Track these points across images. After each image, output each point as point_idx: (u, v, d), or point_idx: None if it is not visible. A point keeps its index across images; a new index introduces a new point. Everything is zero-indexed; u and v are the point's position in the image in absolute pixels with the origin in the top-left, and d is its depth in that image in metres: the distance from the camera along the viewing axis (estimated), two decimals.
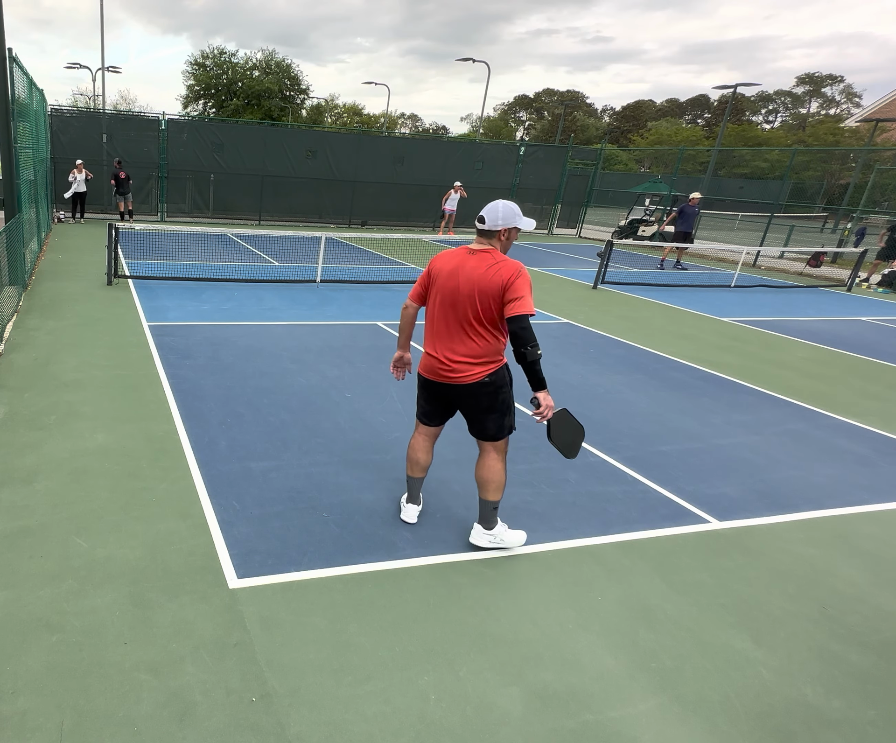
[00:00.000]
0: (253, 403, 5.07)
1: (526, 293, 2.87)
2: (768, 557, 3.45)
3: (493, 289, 2.91)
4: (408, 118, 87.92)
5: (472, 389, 3.09)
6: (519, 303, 2.85)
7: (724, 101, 59.36)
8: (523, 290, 2.87)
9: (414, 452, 3.49)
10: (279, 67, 47.06)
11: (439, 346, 3.14)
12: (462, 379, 3.08)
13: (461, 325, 3.04)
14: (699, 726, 2.35)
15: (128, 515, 3.43)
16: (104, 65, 30.52)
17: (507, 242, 3.07)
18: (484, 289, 2.94)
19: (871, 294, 14.01)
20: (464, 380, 3.08)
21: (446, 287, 3.08)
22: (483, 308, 2.96)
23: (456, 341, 3.08)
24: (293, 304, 8.75)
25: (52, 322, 7.05)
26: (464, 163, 20.37)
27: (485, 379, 3.06)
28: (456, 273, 3.05)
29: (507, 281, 2.88)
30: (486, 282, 2.93)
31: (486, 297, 2.94)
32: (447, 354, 3.10)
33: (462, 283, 3.01)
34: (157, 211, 18.21)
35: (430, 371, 3.23)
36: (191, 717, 2.23)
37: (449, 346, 3.10)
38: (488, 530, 3.30)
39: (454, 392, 3.15)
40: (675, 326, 9.07)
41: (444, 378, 3.15)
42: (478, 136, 47.34)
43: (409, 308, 3.38)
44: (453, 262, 3.10)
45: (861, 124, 40.91)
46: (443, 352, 3.12)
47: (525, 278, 2.89)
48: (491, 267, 2.94)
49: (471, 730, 2.27)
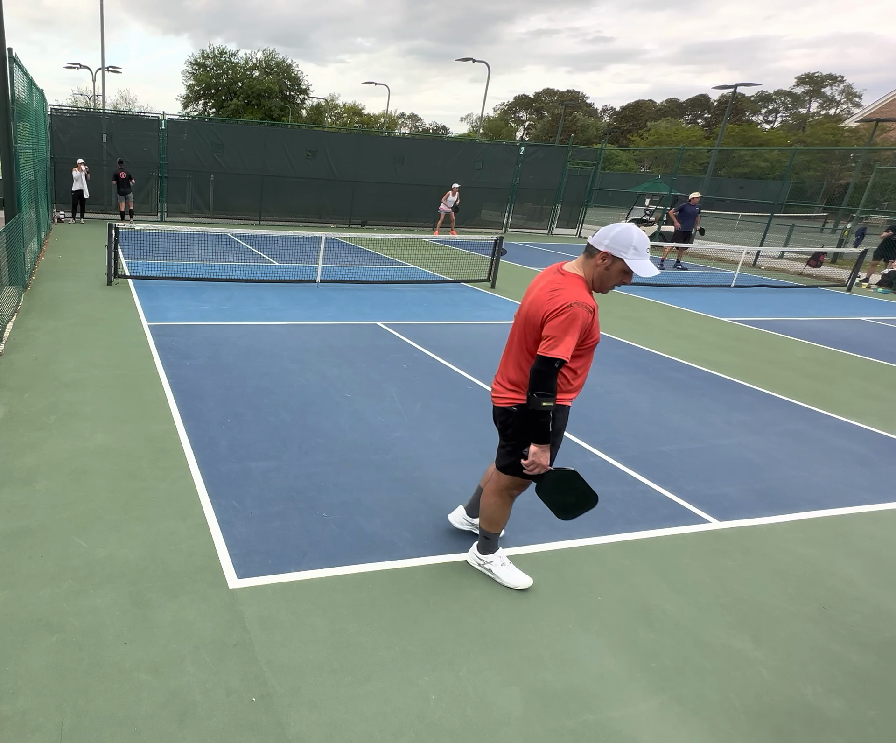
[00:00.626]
0: (253, 403, 5.07)
1: (558, 334, 2.52)
2: (768, 557, 3.45)
3: (536, 318, 2.66)
4: (408, 118, 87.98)
5: (497, 412, 2.95)
6: (546, 343, 2.56)
7: (724, 102, 59.39)
8: (557, 330, 2.53)
9: None
10: (279, 67, 47.06)
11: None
12: (495, 399, 2.96)
13: (513, 346, 2.88)
14: (699, 726, 2.35)
15: (128, 515, 3.43)
16: (104, 65, 30.53)
17: (603, 272, 2.60)
18: (531, 316, 2.69)
19: (870, 294, 14.00)
20: (496, 401, 2.95)
21: (521, 305, 2.89)
22: (528, 336, 2.74)
23: (506, 361, 2.93)
24: (293, 304, 8.75)
25: (52, 322, 7.05)
26: (464, 163, 20.38)
27: (511, 408, 2.85)
28: (530, 291, 2.82)
29: (546, 314, 2.58)
30: (535, 308, 2.67)
31: (531, 324, 2.71)
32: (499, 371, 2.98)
33: (525, 304, 2.80)
34: (157, 211, 18.21)
35: None
36: (191, 717, 2.23)
37: (501, 364, 2.97)
38: (481, 555, 3.15)
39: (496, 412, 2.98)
40: (675, 326, 9.07)
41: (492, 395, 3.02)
42: (478, 136, 47.35)
43: None
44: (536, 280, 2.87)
45: (861, 124, 40.91)
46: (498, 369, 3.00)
47: (566, 318, 2.51)
48: (551, 292, 2.61)
49: (471, 730, 2.27)
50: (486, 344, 7.36)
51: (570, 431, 4.96)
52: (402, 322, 8.09)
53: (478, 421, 5.02)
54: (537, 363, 2.58)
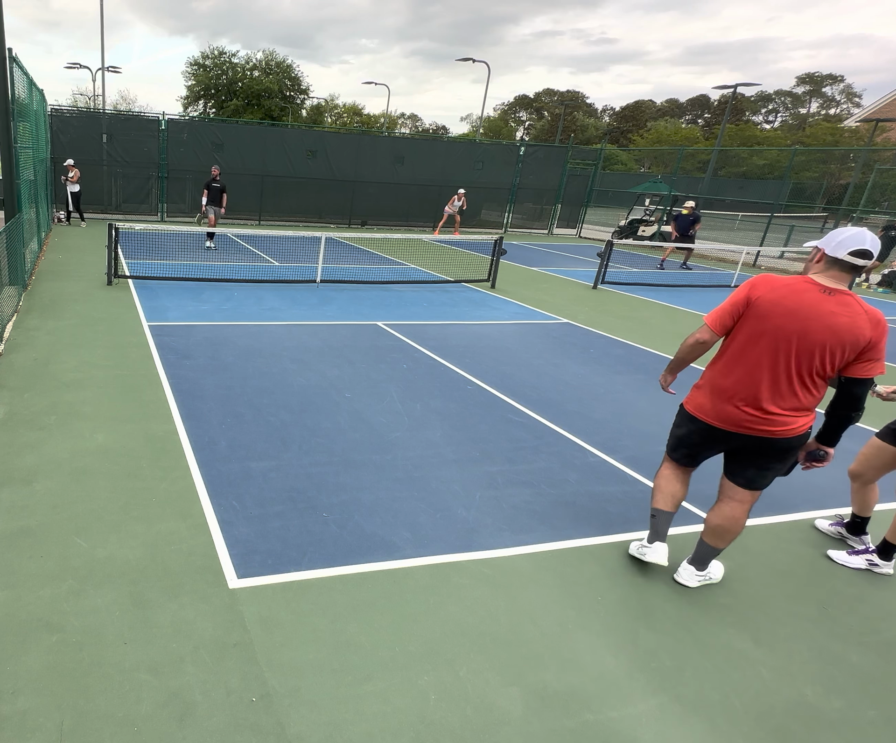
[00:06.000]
0: (253, 403, 5.06)
1: (883, 355, 2.56)
2: (768, 557, 3.45)
3: (856, 342, 2.54)
4: (408, 118, 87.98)
5: (791, 443, 2.77)
6: (877, 365, 2.57)
7: (724, 102, 59.40)
8: (884, 349, 2.56)
9: (668, 482, 3.17)
10: (279, 67, 47.09)
11: (747, 393, 2.75)
12: (786, 433, 2.74)
13: (792, 375, 2.66)
14: (699, 726, 2.35)
15: (128, 515, 3.43)
16: (104, 65, 30.53)
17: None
18: (846, 341, 2.54)
19: (871, 294, 14.00)
20: (788, 433, 2.74)
21: (786, 328, 2.63)
22: (832, 361, 2.60)
23: (778, 391, 2.69)
24: (293, 304, 8.75)
25: (52, 322, 7.05)
26: (464, 163, 20.38)
27: (808, 431, 2.76)
28: (804, 314, 2.60)
29: (873, 338, 2.53)
30: (850, 334, 2.53)
31: (843, 350, 2.56)
32: (766, 406, 2.72)
33: (815, 329, 2.58)
34: (157, 211, 18.21)
35: (726, 420, 2.83)
36: (191, 717, 2.23)
37: (765, 396, 2.71)
38: (701, 572, 3.13)
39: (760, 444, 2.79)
40: (675, 326, 9.07)
41: (756, 431, 2.77)
42: (478, 136, 47.35)
43: (707, 343, 2.90)
44: (798, 300, 2.62)
45: (861, 124, 40.91)
46: (754, 401, 2.74)
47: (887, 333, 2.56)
48: (857, 316, 2.54)
49: (471, 730, 2.27)
50: (486, 344, 7.36)
51: (571, 430, 4.97)
52: (402, 322, 8.09)
53: (478, 421, 5.02)
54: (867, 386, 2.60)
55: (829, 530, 3.74)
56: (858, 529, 3.58)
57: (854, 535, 3.60)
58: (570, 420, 5.19)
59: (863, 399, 2.63)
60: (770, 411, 2.72)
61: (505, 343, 7.46)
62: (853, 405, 2.64)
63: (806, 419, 2.74)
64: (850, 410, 2.65)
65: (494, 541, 3.41)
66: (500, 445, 4.61)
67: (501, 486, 4.00)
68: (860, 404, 2.64)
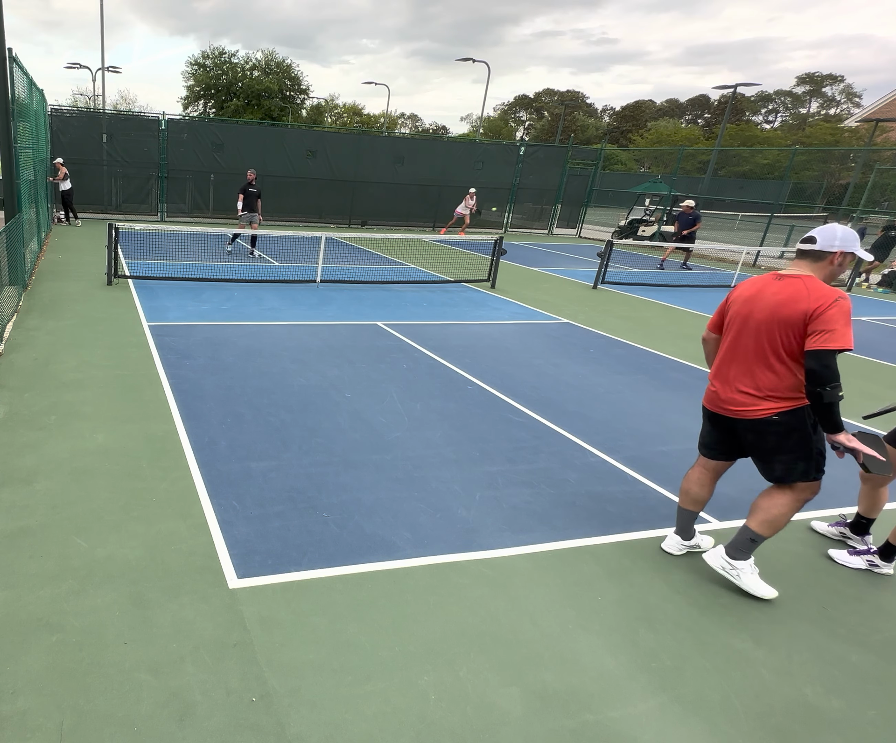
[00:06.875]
0: (253, 403, 5.06)
1: (839, 326, 2.56)
2: (768, 557, 3.45)
3: (794, 317, 2.68)
4: (408, 118, 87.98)
5: (754, 426, 2.89)
6: (825, 336, 2.57)
7: (724, 102, 59.39)
8: (836, 322, 2.56)
9: (687, 481, 3.32)
10: (279, 67, 47.09)
11: (724, 375, 3.00)
12: (744, 413, 2.90)
13: (752, 355, 2.86)
14: (699, 726, 2.35)
15: (128, 515, 3.43)
16: (104, 65, 30.53)
17: (836, 269, 2.78)
18: (784, 317, 2.71)
19: (870, 294, 14.01)
20: (745, 414, 2.90)
21: (740, 314, 2.92)
22: (783, 339, 2.74)
23: (743, 372, 2.90)
24: (293, 305, 8.75)
25: (52, 322, 7.05)
26: (464, 163, 20.38)
27: (772, 417, 2.83)
28: (753, 299, 2.87)
29: (815, 310, 2.61)
30: (787, 309, 2.70)
31: (785, 326, 2.71)
32: (735, 385, 2.93)
33: (757, 310, 2.82)
34: (157, 211, 18.21)
35: (709, 401, 3.12)
36: (191, 717, 2.23)
37: (735, 377, 2.94)
38: (731, 559, 3.06)
39: (739, 426, 2.97)
40: (675, 326, 9.07)
41: (724, 410, 3.00)
42: (478, 136, 47.35)
43: (708, 340, 3.25)
44: (754, 288, 2.91)
45: (861, 124, 40.91)
46: (726, 382, 2.98)
47: (841, 309, 2.58)
48: (798, 292, 2.69)
49: (471, 730, 2.27)
50: (486, 344, 7.36)
51: (571, 430, 4.97)
52: (402, 322, 8.09)
53: (478, 421, 5.02)
54: (820, 358, 2.59)
55: (828, 531, 3.74)
56: (862, 529, 3.58)
57: (857, 534, 3.60)
58: (570, 420, 5.19)
59: (820, 374, 2.59)
60: (737, 389, 2.94)
61: (505, 343, 7.46)
62: (812, 379, 2.63)
63: (770, 404, 2.83)
64: (813, 386, 2.64)
65: (494, 541, 3.41)
66: (499, 445, 4.61)
67: (501, 486, 4.00)
68: (818, 378, 2.60)
